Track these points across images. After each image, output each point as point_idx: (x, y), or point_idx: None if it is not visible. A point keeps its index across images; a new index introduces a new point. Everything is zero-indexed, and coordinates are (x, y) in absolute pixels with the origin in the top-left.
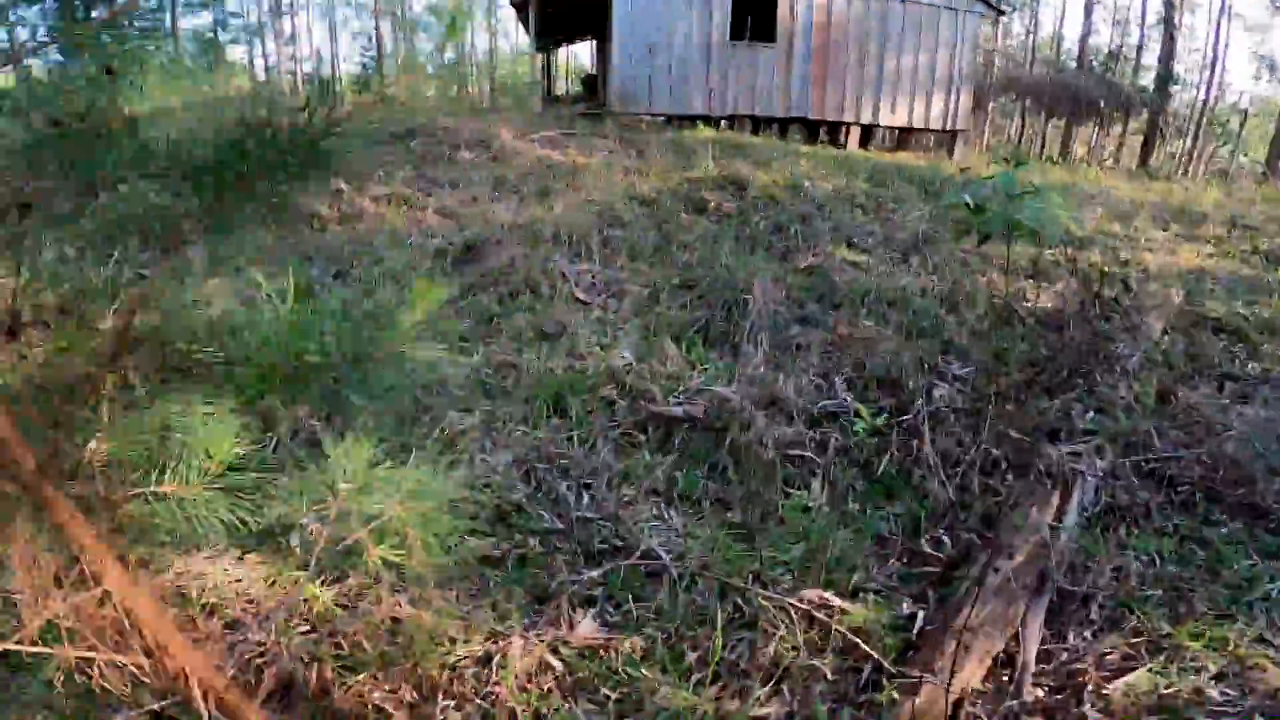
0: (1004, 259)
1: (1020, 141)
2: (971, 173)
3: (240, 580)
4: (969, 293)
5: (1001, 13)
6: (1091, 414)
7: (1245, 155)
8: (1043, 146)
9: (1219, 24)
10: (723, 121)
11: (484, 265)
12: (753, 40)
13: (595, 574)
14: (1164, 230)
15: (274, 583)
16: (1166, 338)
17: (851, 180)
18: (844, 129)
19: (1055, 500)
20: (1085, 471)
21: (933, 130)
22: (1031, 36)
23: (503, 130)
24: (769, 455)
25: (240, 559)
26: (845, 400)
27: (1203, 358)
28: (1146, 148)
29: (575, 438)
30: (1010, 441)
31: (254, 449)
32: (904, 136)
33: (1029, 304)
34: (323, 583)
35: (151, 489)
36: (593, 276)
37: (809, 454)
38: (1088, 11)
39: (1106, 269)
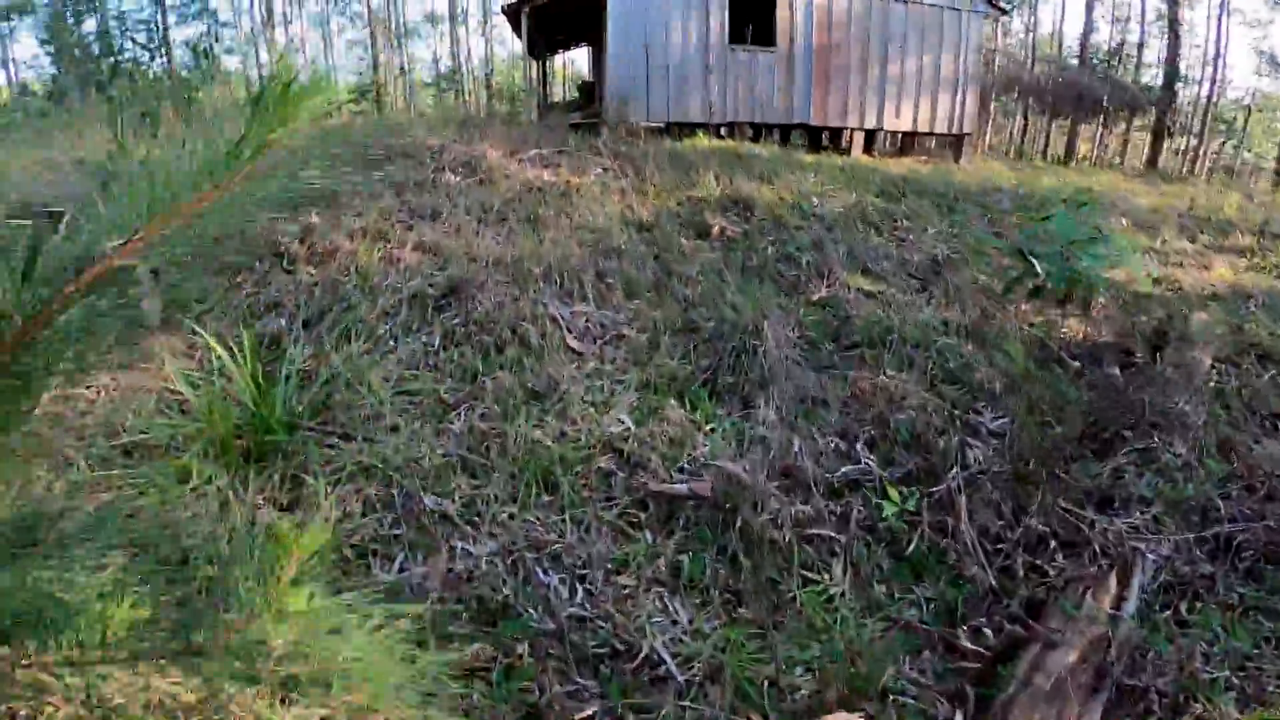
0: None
1: (1023, 141)
2: (982, 177)
3: (192, 692)
4: (997, 326)
5: (1005, 12)
6: (1147, 478)
7: (1249, 151)
8: (1046, 146)
9: (1220, 20)
10: (722, 129)
11: (467, 309)
12: (752, 44)
13: (592, 684)
14: (1191, 241)
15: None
16: (1215, 373)
17: (861, 196)
18: (847, 134)
19: (1113, 583)
20: (1145, 550)
21: (938, 134)
22: (1031, 34)
23: (490, 150)
24: (785, 537)
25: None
26: (869, 465)
27: (1248, 391)
28: (1155, 147)
29: (568, 519)
30: (1057, 513)
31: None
32: (907, 140)
33: (1063, 335)
34: (282, 702)
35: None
36: (586, 320)
37: (829, 532)
38: (1089, 9)
39: (1144, 293)
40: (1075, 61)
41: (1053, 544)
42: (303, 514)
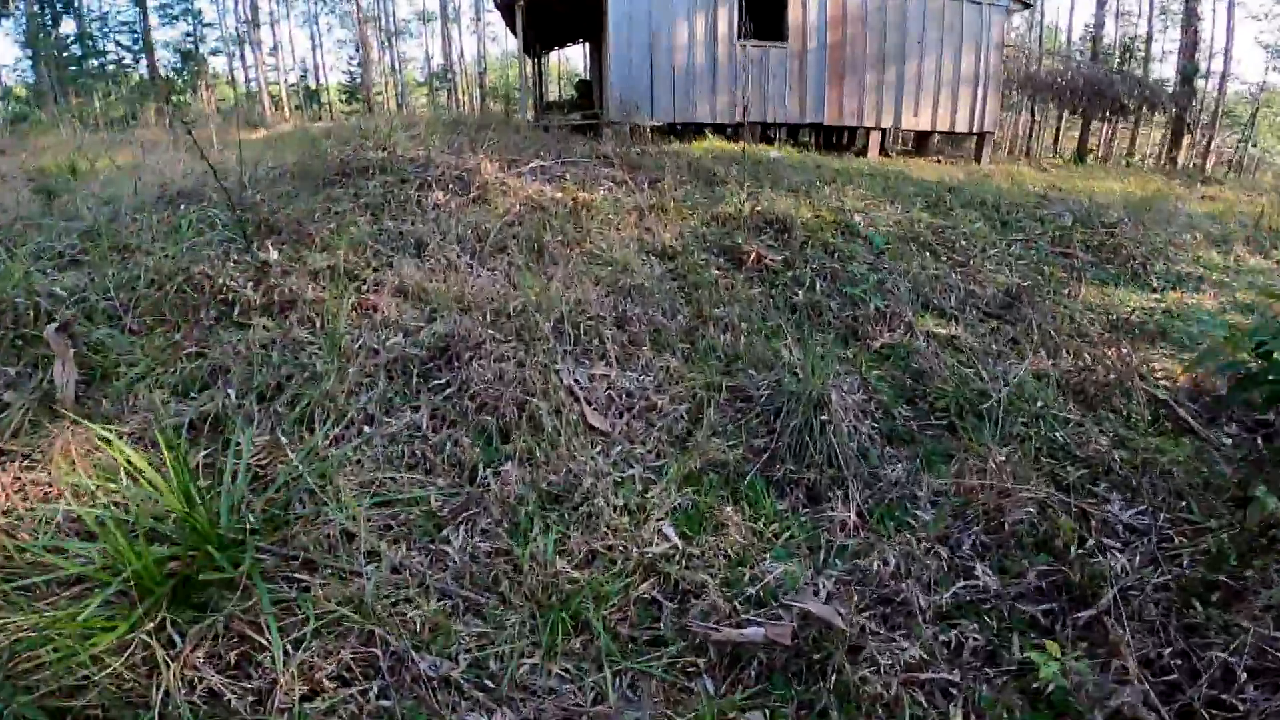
0: (1120, 312)
1: (1030, 138)
2: (1017, 182)
3: None
4: (1099, 378)
5: (1028, 5)
6: None
7: (1254, 146)
8: (1055, 143)
9: (1229, 12)
10: (729, 129)
11: (461, 378)
12: (762, 39)
13: None
14: (1265, 258)
15: None
16: None
17: (906, 210)
18: (862, 134)
19: None
20: None
21: (959, 133)
22: (1037, 29)
23: (485, 163)
24: (890, 686)
25: None
26: (985, 580)
27: None
28: (1175, 144)
29: (607, 673)
30: (1239, 634)
31: None
32: (921, 139)
33: (1161, 381)
34: None
35: None
36: (609, 387)
37: (943, 675)
38: (1100, 2)
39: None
40: (1082, 56)
41: (1240, 674)
42: (258, 679)
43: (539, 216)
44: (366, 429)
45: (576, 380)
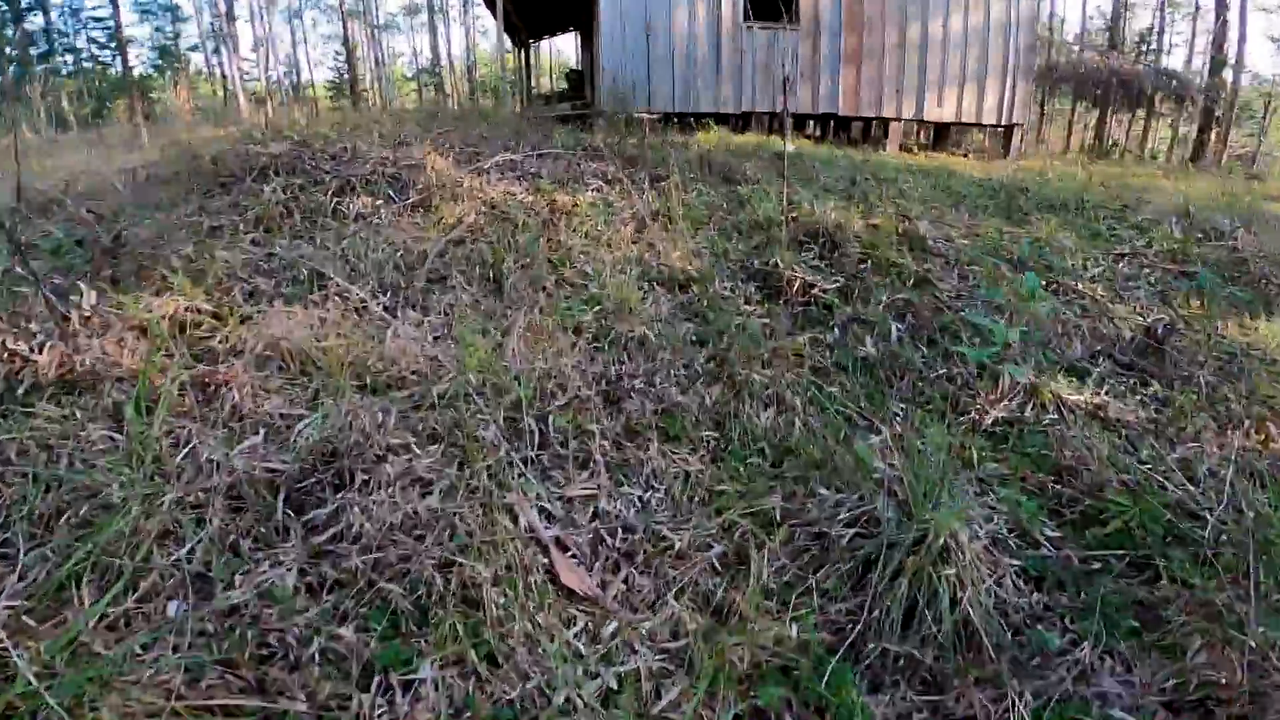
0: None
1: (1039, 130)
2: (1064, 179)
3: None
4: None
5: None
6: None
7: (1263, 137)
8: (1068, 136)
9: (1242, 4)
10: (734, 119)
11: (350, 517)
12: (771, 22)
13: None
14: None
15: None
16: None
17: (975, 216)
18: (881, 125)
19: None
20: None
21: (986, 124)
22: (1052, 19)
23: (435, 156)
24: None
25: None
26: None
27: None
28: (1202, 137)
29: None
30: None
31: None
32: (941, 132)
33: None
34: None
35: None
36: (594, 515)
37: None
38: None
39: None
40: (1098, 47)
41: None
42: None
43: (500, 230)
44: (172, 605)
45: (544, 508)
